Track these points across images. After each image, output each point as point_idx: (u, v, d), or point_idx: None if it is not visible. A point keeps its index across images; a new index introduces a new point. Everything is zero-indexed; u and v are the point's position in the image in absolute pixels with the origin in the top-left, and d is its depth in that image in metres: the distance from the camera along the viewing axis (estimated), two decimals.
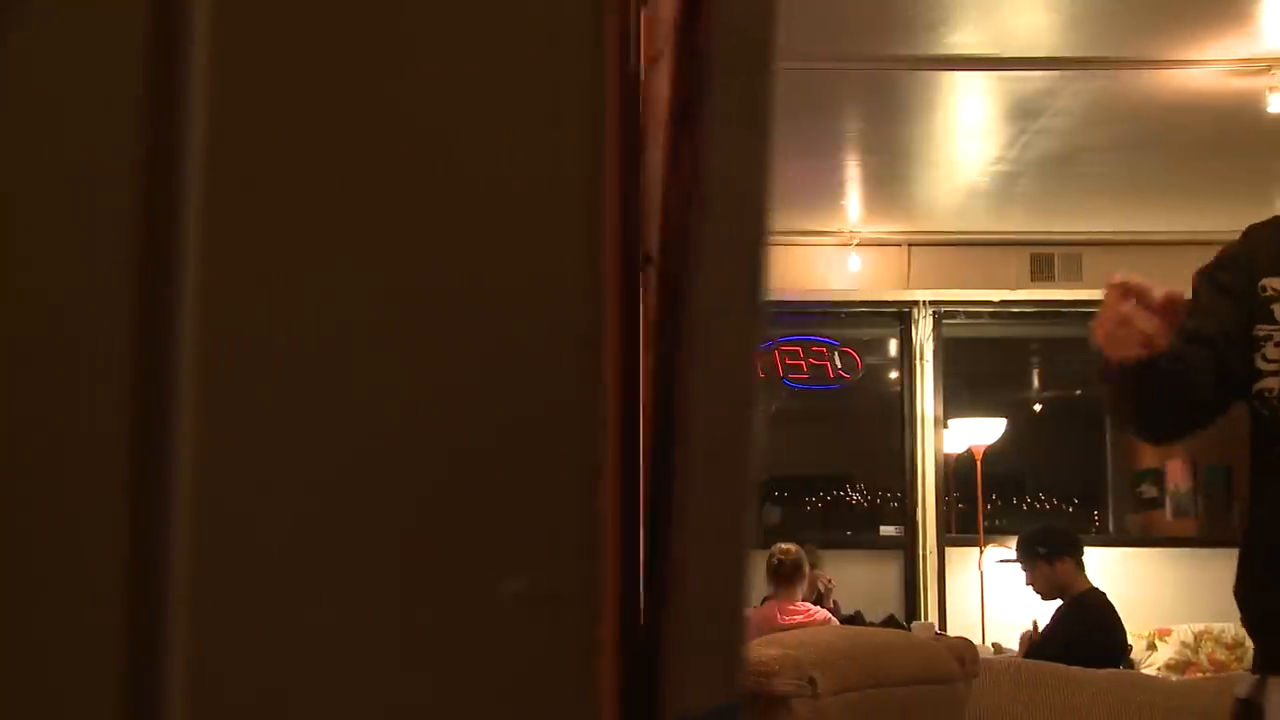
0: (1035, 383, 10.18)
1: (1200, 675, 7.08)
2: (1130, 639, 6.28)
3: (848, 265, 8.30)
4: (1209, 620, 7.51)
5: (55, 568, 0.59)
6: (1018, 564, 5.93)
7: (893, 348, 9.01)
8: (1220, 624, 7.45)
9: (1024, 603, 6.37)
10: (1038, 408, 10.09)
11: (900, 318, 8.77)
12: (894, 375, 9.00)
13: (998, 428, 8.26)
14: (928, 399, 8.67)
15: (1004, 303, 8.60)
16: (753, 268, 0.70)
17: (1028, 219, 7.91)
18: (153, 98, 0.59)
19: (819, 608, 6.40)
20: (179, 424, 0.59)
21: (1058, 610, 5.73)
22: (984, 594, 8.11)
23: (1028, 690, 4.38)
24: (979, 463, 8.18)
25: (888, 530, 8.88)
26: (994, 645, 7.25)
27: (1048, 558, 5.71)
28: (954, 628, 7.89)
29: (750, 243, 0.70)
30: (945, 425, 8.57)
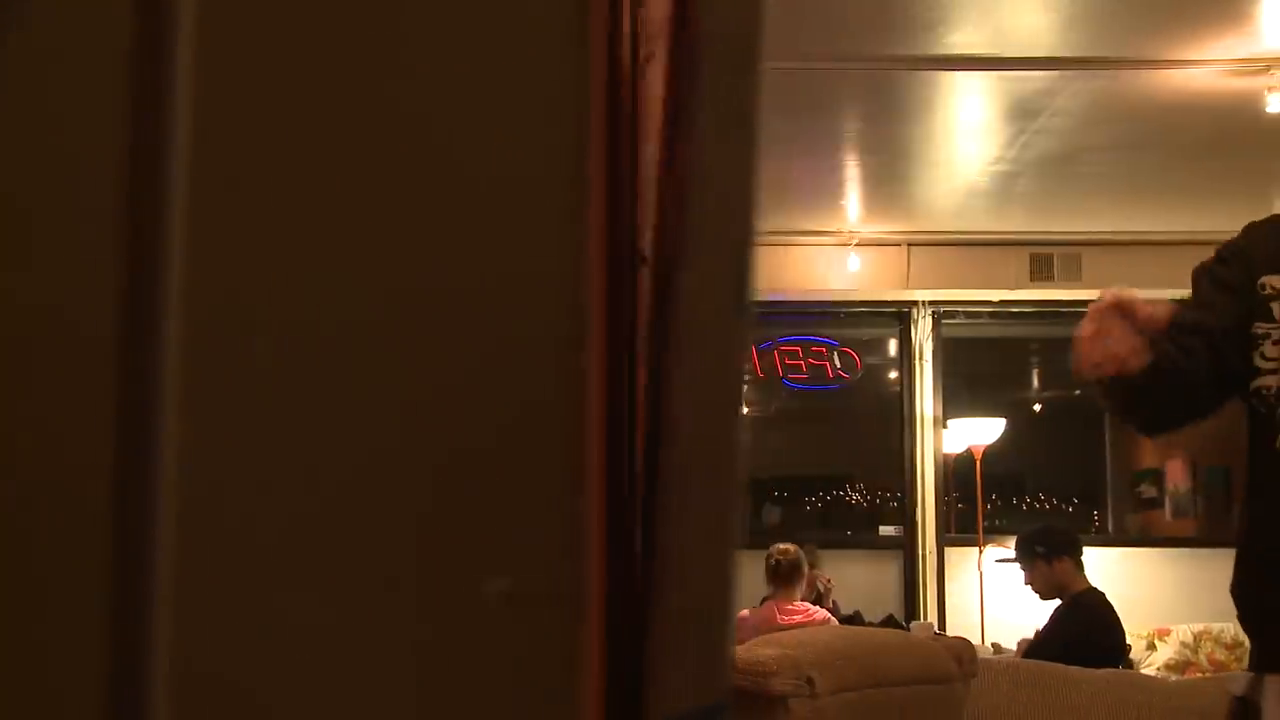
0: (1034, 383, 10.18)
1: (1200, 675, 7.08)
2: (1130, 639, 6.27)
3: (847, 265, 8.30)
4: (1208, 620, 7.51)
5: (39, 568, 0.59)
6: (1016, 564, 5.93)
7: (892, 348, 9.01)
8: (1220, 624, 7.44)
9: (1023, 603, 6.37)
10: (1037, 408, 10.08)
11: (899, 318, 8.77)
12: (893, 375, 9.00)
13: (997, 428, 8.26)
14: (927, 399, 8.67)
15: (1003, 303, 8.61)
16: (739, 268, 0.70)
17: (1027, 219, 7.91)
18: (137, 97, 0.59)
19: (818, 608, 6.40)
20: (164, 424, 0.59)
21: (1056, 610, 5.72)
22: (983, 594, 8.11)
23: (1026, 690, 4.39)
24: (978, 463, 8.18)
25: (887, 530, 8.87)
26: (993, 645, 7.24)
27: (1046, 557, 5.70)
28: (953, 628, 7.89)
29: (736, 243, 0.70)
30: (944, 425, 8.57)
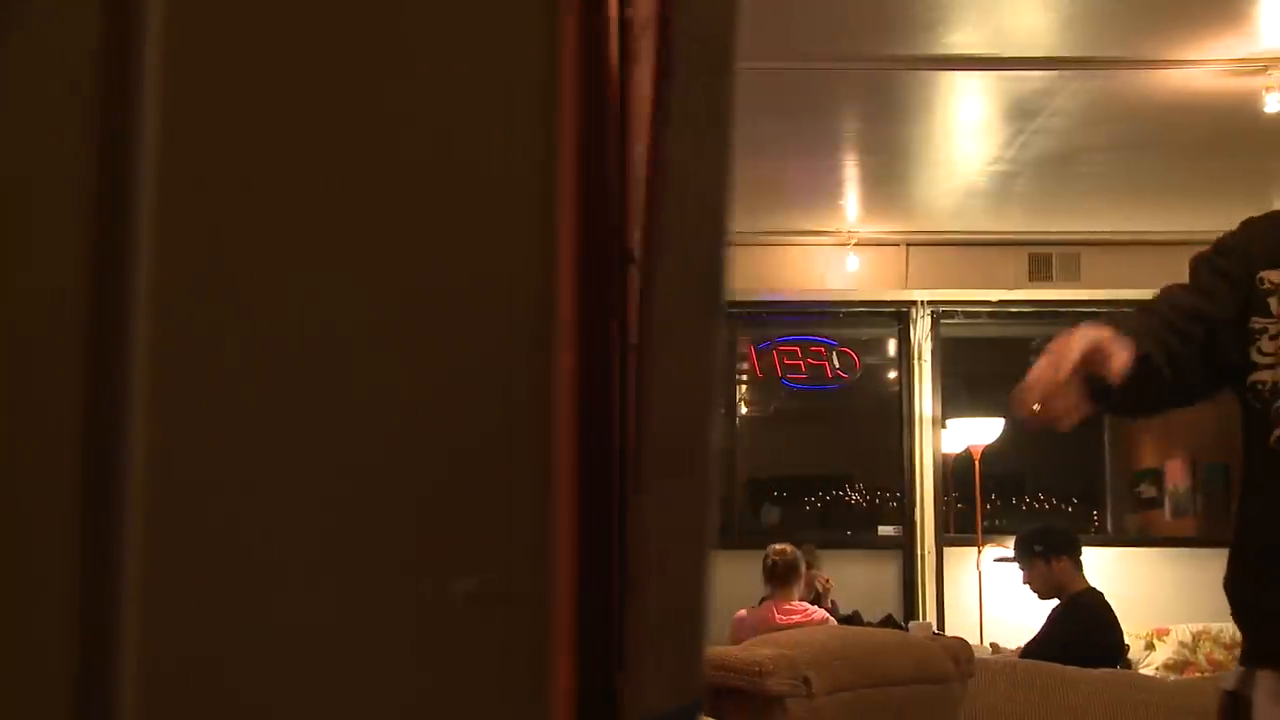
0: None
1: (1198, 675, 7.07)
2: (1128, 639, 6.27)
3: (846, 265, 8.30)
4: (1207, 620, 7.51)
5: (6, 568, 0.59)
6: (1015, 563, 5.92)
7: (891, 347, 9.00)
8: (1218, 624, 7.44)
9: (1023, 603, 6.36)
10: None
11: (898, 317, 8.77)
12: (892, 375, 8.99)
13: (996, 427, 8.25)
14: (926, 399, 8.67)
15: (1002, 302, 8.60)
16: (713, 267, 0.70)
17: (1026, 219, 7.91)
18: (105, 96, 0.59)
19: (817, 608, 6.39)
20: (132, 423, 0.59)
21: (1054, 610, 5.71)
22: (982, 594, 8.11)
23: (1023, 690, 4.39)
24: (977, 462, 8.18)
25: (886, 530, 8.87)
26: (992, 645, 7.23)
27: (1045, 557, 5.69)
28: (952, 627, 7.89)
29: (711, 242, 0.70)
30: (944, 425, 8.57)
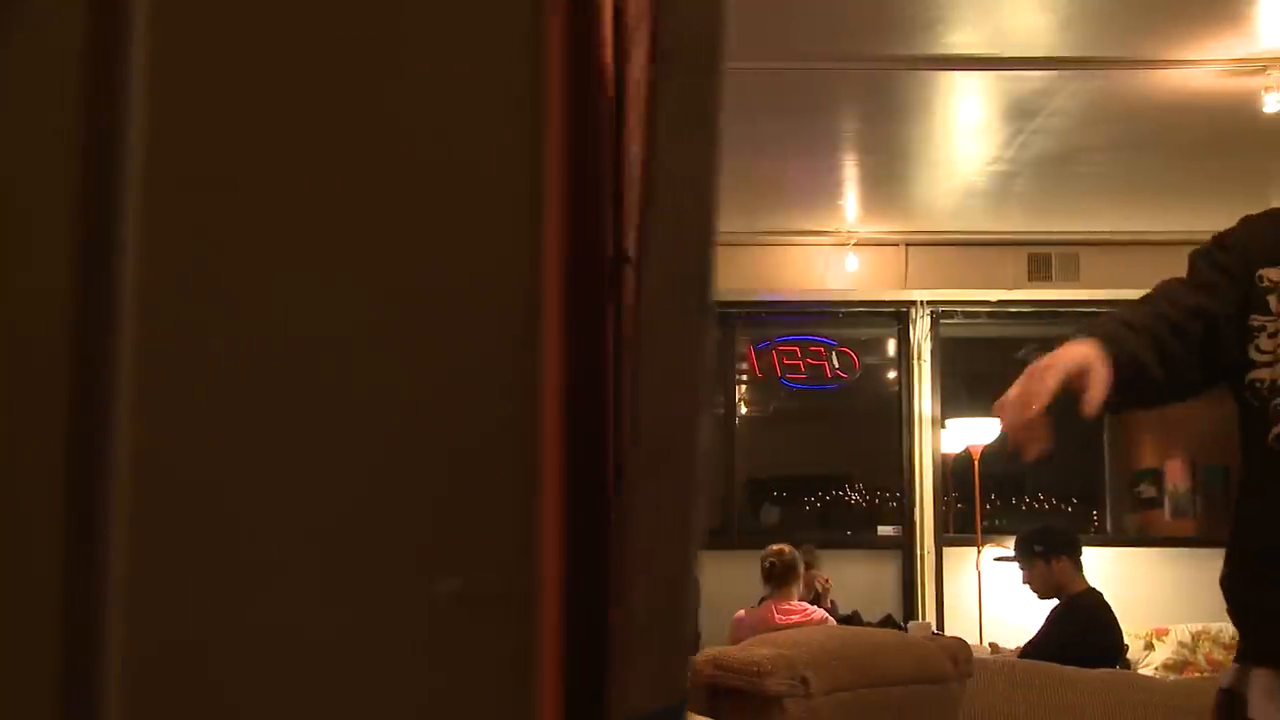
0: None
1: (1198, 675, 7.07)
2: (1128, 639, 6.26)
3: (845, 265, 8.30)
4: (1207, 620, 7.50)
5: None
6: (1015, 563, 5.92)
7: (890, 347, 9.01)
8: (1218, 624, 7.43)
9: (1022, 603, 6.36)
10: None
11: (898, 317, 8.77)
12: (892, 375, 8.99)
13: (995, 427, 8.23)
14: (925, 399, 8.67)
15: (1001, 302, 8.60)
16: (701, 268, 0.70)
17: (1025, 219, 7.91)
18: (90, 96, 0.59)
19: (816, 607, 6.39)
20: (118, 424, 0.59)
21: (1053, 611, 5.70)
22: (981, 594, 8.11)
23: (1022, 690, 4.38)
24: (976, 462, 8.18)
25: (886, 530, 8.87)
26: (991, 645, 7.23)
27: (1045, 557, 5.68)
28: (952, 627, 7.89)
29: (698, 243, 0.70)
30: (943, 425, 8.57)
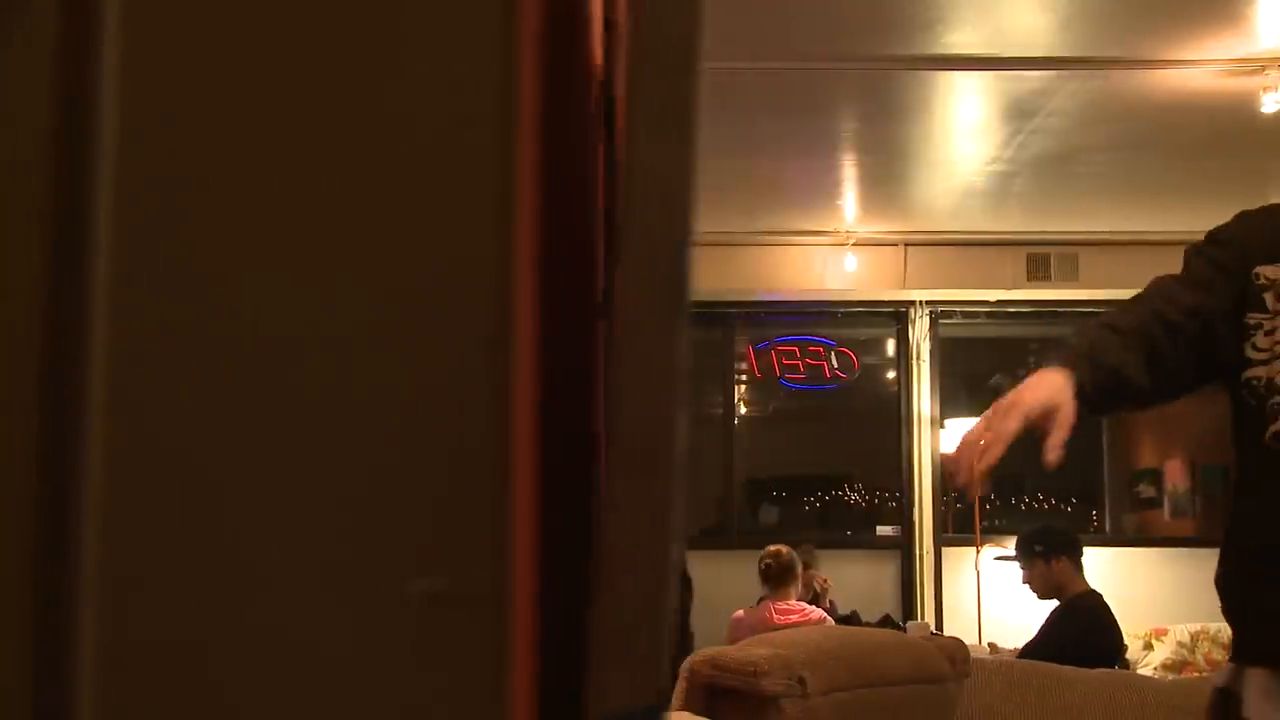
0: None
1: (1197, 675, 7.07)
2: (1127, 639, 6.24)
3: (844, 265, 8.30)
4: (1206, 620, 7.50)
5: None
6: (1016, 562, 5.91)
7: (889, 347, 9.01)
8: (1216, 624, 7.42)
9: (1022, 603, 6.36)
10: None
11: (897, 317, 8.78)
12: (891, 375, 8.99)
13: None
14: (924, 399, 8.67)
15: (1000, 303, 8.60)
16: (678, 267, 0.70)
17: (1024, 219, 7.91)
18: (62, 96, 0.59)
19: (815, 607, 6.39)
20: (89, 423, 0.59)
21: (1053, 612, 5.69)
22: (981, 594, 8.10)
23: (1020, 690, 4.38)
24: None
25: (885, 530, 8.87)
26: (990, 645, 7.22)
27: (1045, 556, 5.67)
28: (951, 628, 7.88)
29: (675, 242, 0.70)
30: (942, 425, 8.56)
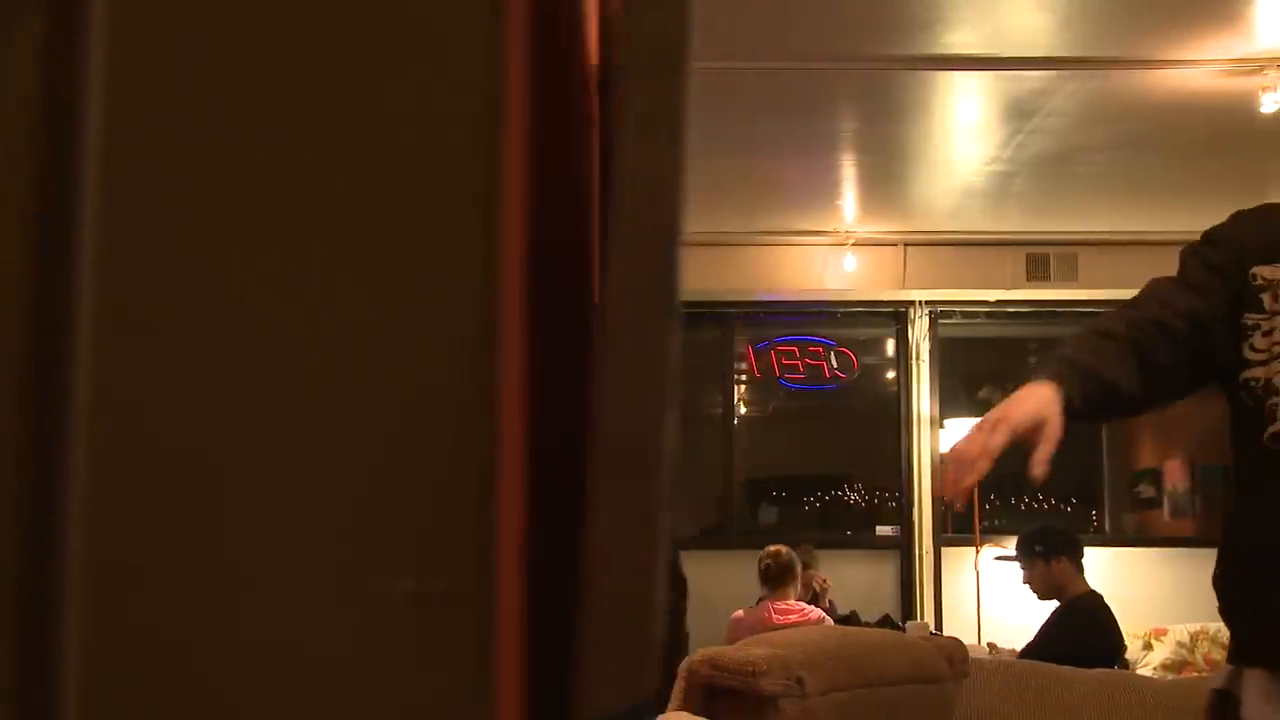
0: None
1: (1196, 675, 7.06)
2: (1126, 639, 6.24)
3: (843, 265, 8.31)
4: (1205, 620, 7.50)
5: None
6: (1016, 562, 5.90)
7: (889, 347, 9.01)
8: (1216, 624, 7.39)
9: (1021, 603, 6.36)
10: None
11: (896, 317, 8.78)
12: (890, 375, 8.99)
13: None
14: (924, 399, 8.67)
15: (1000, 302, 8.60)
16: (665, 266, 0.70)
17: (1023, 219, 7.91)
18: (47, 93, 0.59)
19: (814, 607, 6.39)
20: (74, 423, 0.59)
21: (1053, 613, 5.69)
22: (980, 594, 8.10)
23: (1018, 690, 4.37)
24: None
25: (884, 530, 8.87)
26: (989, 645, 7.22)
27: (1045, 557, 5.66)
28: (950, 628, 7.89)
29: (663, 243, 0.70)
30: (942, 425, 8.56)
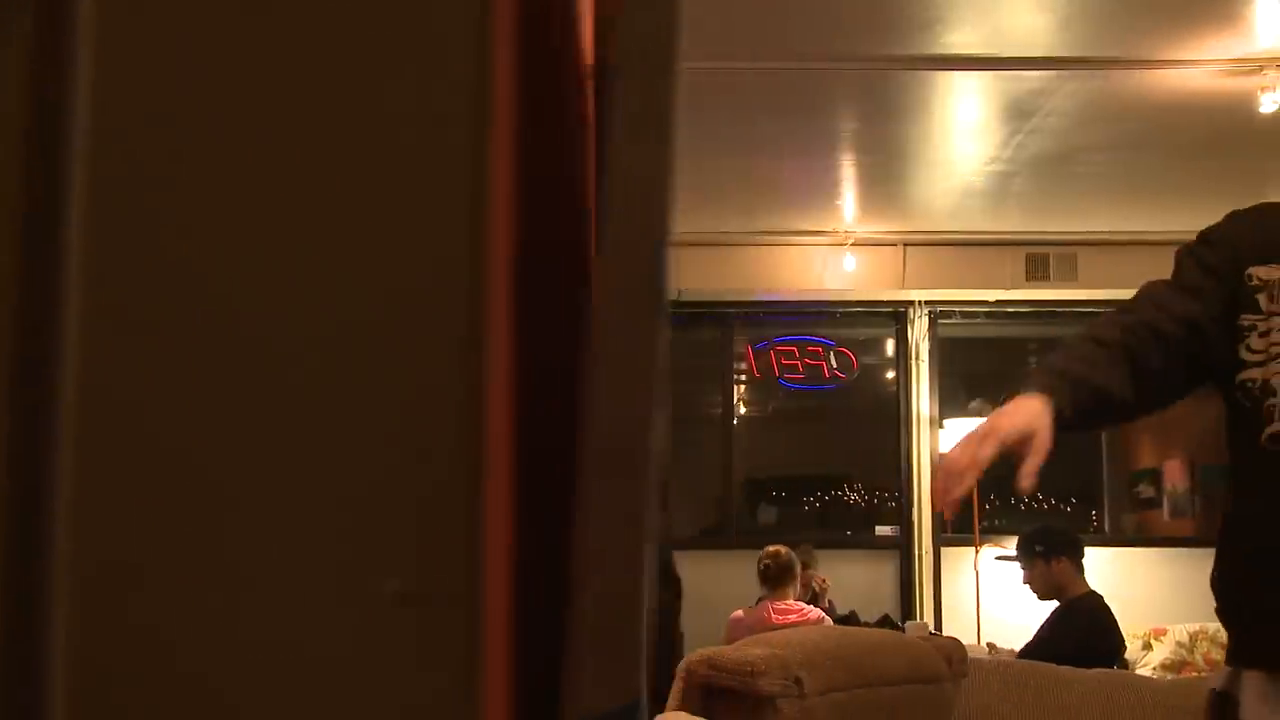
0: None
1: (1195, 675, 7.06)
2: (1126, 639, 6.24)
3: (843, 265, 8.30)
4: (1205, 620, 7.49)
5: None
6: (1017, 562, 5.90)
7: (889, 347, 9.00)
8: (1215, 624, 7.31)
9: (1021, 603, 6.36)
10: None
11: (896, 317, 8.78)
12: (890, 375, 8.99)
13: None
14: (923, 399, 8.67)
15: (999, 302, 8.60)
16: (655, 266, 0.70)
17: (1022, 219, 7.91)
18: (37, 95, 0.59)
19: (813, 607, 6.39)
20: (61, 423, 0.59)
21: (1053, 613, 5.69)
22: (979, 594, 8.10)
23: (1017, 690, 4.37)
24: None
25: (884, 530, 8.86)
26: (989, 645, 7.21)
27: (1045, 557, 5.66)
28: (950, 628, 7.88)
29: (652, 243, 0.70)
30: (941, 425, 8.56)
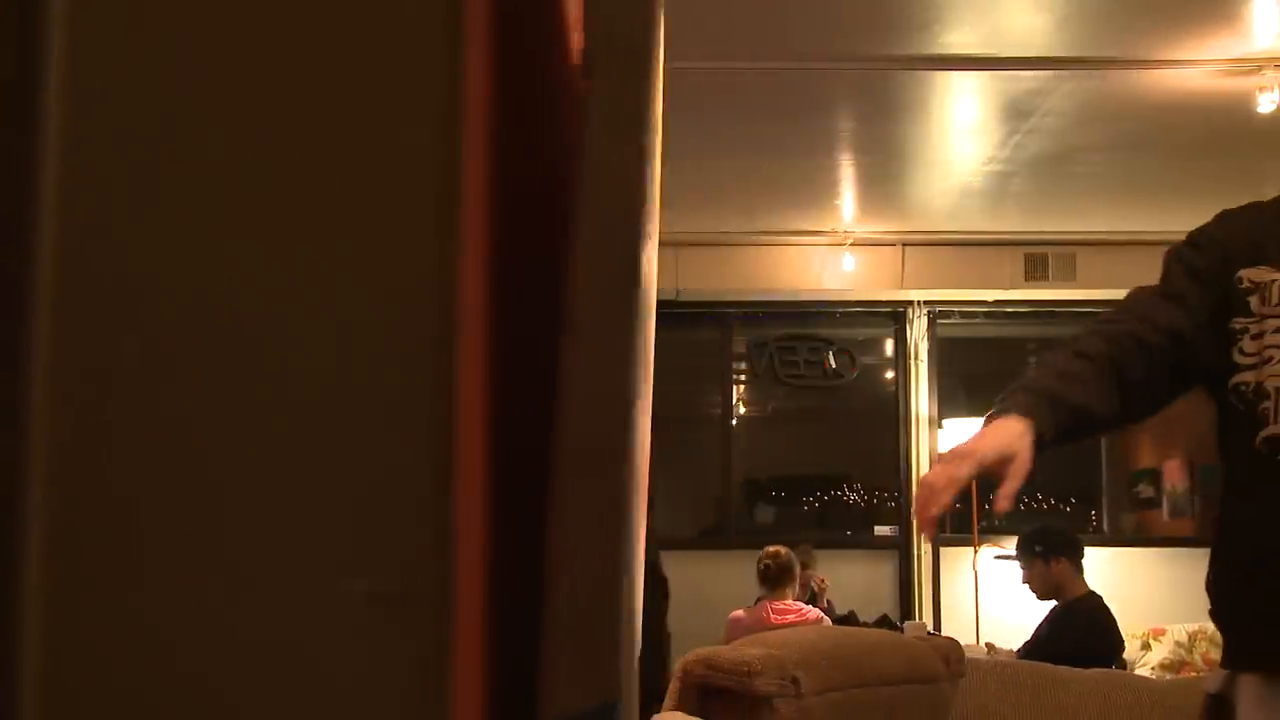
0: None
1: (1194, 675, 7.05)
2: (1125, 639, 6.23)
3: (842, 265, 8.30)
4: (1204, 620, 7.40)
5: None
6: (1016, 562, 5.90)
7: (888, 347, 9.00)
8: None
9: (1020, 603, 6.35)
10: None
11: (895, 317, 8.78)
12: (889, 375, 8.99)
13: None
14: (923, 399, 8.67)
15: (998, 302, 8.60)
16: (630, 265, 0.70)
17: (1021, 219, 7.91)
18: (6, 100, 0.59)
19: (812, 607, 6.39)
20: (32, 423, 0.59)
21: (1051, 612, 5.69)
22: (979, 594, 8.10)
23: (1014, 690, 4.37)
24: None
25: (883, 530, 8.86)
26: (988, 645, 7.21)
27: (1044, 557, 5.66)
28: (949, 628, 7.88)
29: (627, 240, 0.70)
30: (940, 425, 8.56)
